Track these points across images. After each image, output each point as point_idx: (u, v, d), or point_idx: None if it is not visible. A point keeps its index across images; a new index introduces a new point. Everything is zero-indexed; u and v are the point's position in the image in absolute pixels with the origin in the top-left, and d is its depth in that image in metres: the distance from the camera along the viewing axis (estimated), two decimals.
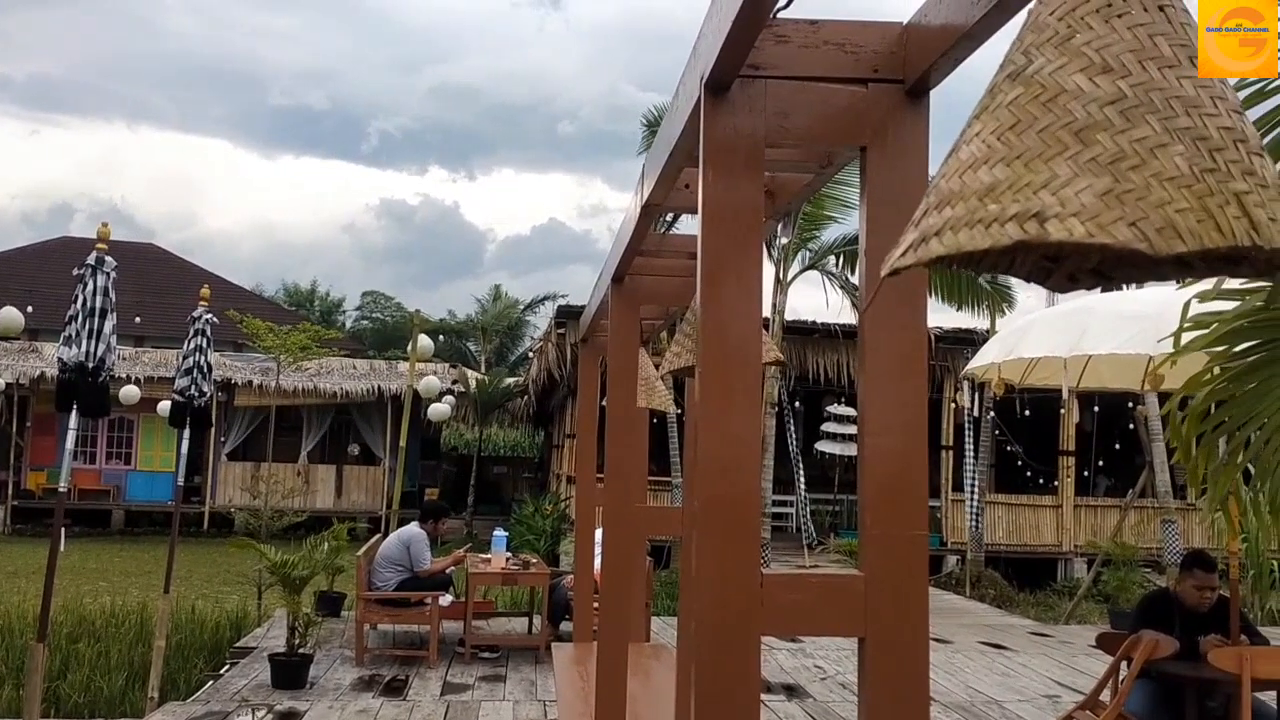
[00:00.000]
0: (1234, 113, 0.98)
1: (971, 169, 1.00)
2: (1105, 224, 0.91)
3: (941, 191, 1.02)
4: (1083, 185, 0.93)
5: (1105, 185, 0.93)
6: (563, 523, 17.30)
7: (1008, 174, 0.97)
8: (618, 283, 4.02)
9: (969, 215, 0.98)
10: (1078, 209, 0.92)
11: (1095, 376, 8.14)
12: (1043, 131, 0.98)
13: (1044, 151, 0.96)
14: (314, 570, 9.06)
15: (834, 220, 16.54)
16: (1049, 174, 0.95)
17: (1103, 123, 0.96)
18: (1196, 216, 0.90)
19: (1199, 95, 0.97)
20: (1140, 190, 0.91)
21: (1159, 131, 0.94)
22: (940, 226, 1.00)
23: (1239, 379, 4.10)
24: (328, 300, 53.22)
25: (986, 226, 0.96)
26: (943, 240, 0.99)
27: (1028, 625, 13.30)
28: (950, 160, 1.05)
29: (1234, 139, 0.95)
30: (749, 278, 1.94)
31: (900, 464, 1.86)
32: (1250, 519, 8.63)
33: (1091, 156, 0.94)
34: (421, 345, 15.16)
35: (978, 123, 1.04)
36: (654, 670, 5.53)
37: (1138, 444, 16.68)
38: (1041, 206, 0.93)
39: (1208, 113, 0.96)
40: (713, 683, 1.80)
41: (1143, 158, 0.93)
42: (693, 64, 2.11)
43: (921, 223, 1.03)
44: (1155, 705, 5.85)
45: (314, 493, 23.91)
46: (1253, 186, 0.93)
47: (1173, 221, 0.90)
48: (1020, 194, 0.95)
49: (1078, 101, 0.98)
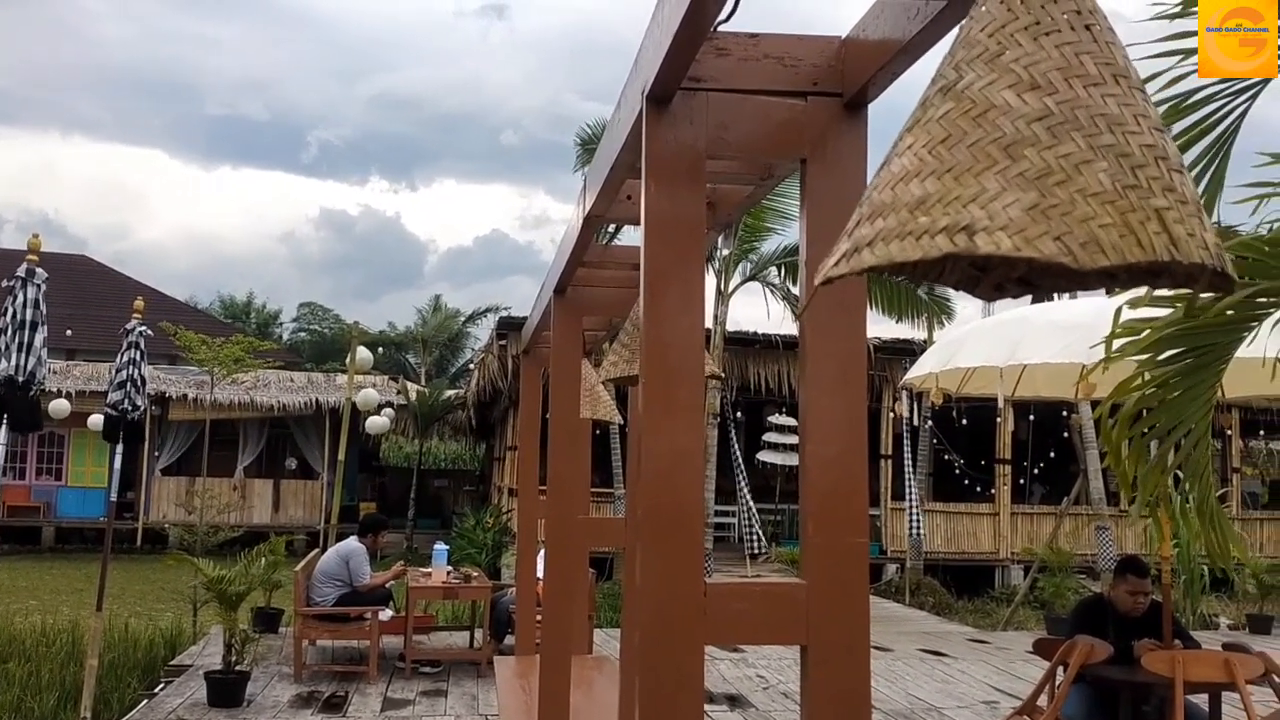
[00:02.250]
0: (1156, 130, 1.01)
1: (903, 181, 1.02)
2: (1031, 238, 0.93)
3: (874, 203, 1.04)
4: (1010, 200, 0.95)
5: (1032, 200, 0.95)
6: (504, 536, 17.21)
7: (938, 187, 0.99)
8: (560, 294, 4.02)
9: (900, 227, 1.00)
10: (1005, 223, 0.94)
11: (1030, 385, 8.27)
12: (972, 146, 1.00)
13: (973, 166, 0.99)
14: (251, 586, 8.92)
15: (774, 231, 16.66)
16: (978, 188, 0.97)
17: (1030, 139, 0.98)
18: (1119, 232, 0.93)
19: (1122, 113, 1.00)
20: (1065, 205, 0.94)
21: (1084, 148, 0.97)
22: (872, 237, 1.02)
23: (1168, 385, 4.19)
24: (264, 312, 52.57)
25: (917, 238, 0.98)
26: (874, 251, 1.01)
27: (966, 632, 13.45)
28: (883, 172, 1.07)
29: (1155, 156, 0.98)
30: (691, 288, 1.95)
31: (841, 472, 1.88)
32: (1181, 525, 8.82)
33: (1019, 172, 0.97)
34: (360, 357, 15.01)
35: (910, 136, 1.06)
36: (597, 682, 5.52)
37: (1072, 452, 16.96)
38: (970, 220, 0.96)
39: (1131, 130, 0.99)
40: (656, 693, 1.80)
41: (1068, 174, 0.96)
42: (634, 76, 2.12)
43: (854, 233, 1.05)
44: (1091, 709, 5.94)
45: (250, 508, 23.57)
46: (1173, 203, 0.96)
47: (1096, 236, 0.93)
48: (950, 207, 0.97)
49: (1006, 117, 1.00)
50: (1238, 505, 19.87)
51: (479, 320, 43.77)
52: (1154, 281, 1.04)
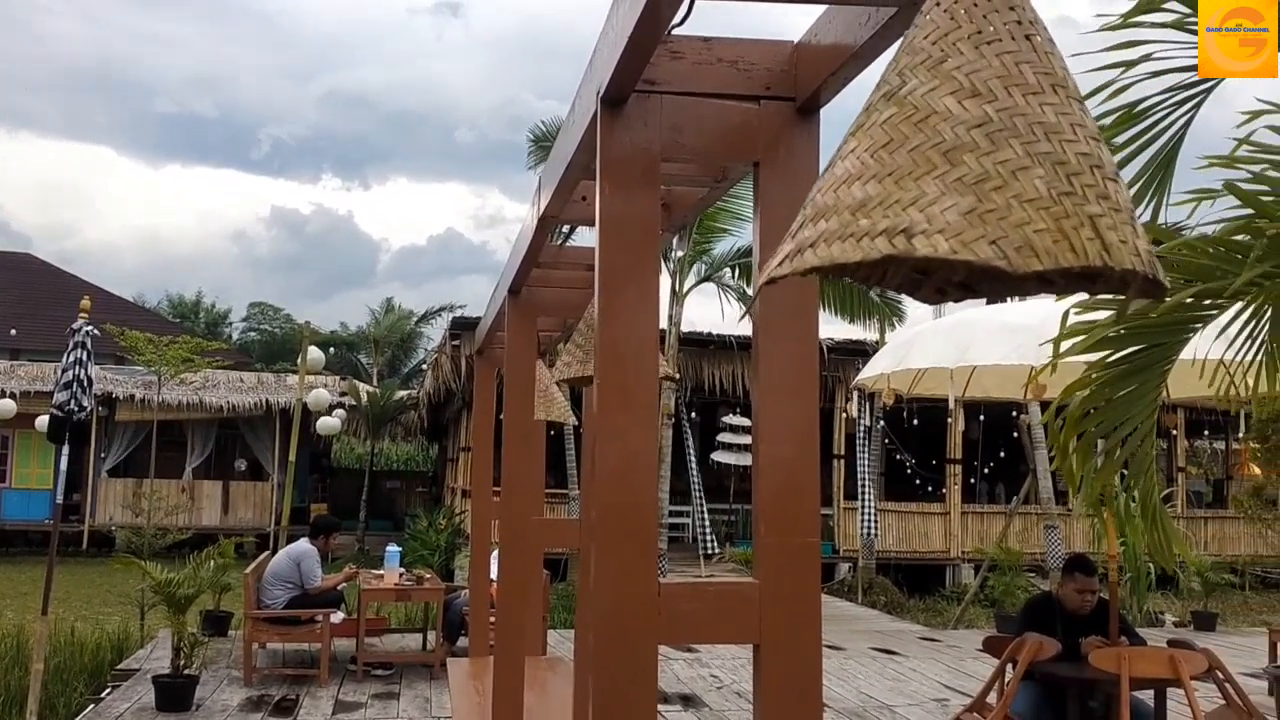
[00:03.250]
0: (1092, 139, 1.03)
1: (845, 184, 1.04)
2: (968, 241, 0.95)
3: (817, 205, 1.06)
4: (949, 204, 0.98)
5: (969, 204, 0.97)
6: (458, 537, 17.13)
7: (879, 190, 1.01)
8: (514, 294, 4.01)
9: (842, 229, 1.02)
10: (943, 226, 0.96)
11: (980, 386, 8.37)
12: (913, 151, 1.02)
13: (913, 170, 1.01)
14: (200, 589, 8.82)
15: (728, 233, 16.73)
16: (918, 192, 0.99)
17: (969, 144, 1.00)
18: (1053, 237, 0.96)
19: (1060, 121, 1.02)
20: (1002, 210, 0.96)
21: (1021, 155, 0.99)
22: (815, 239, 1.03)
23: (1113, 384, 4.26)
24: (213, 312, 51.93)
25: (858, 240, 1.00)
26: (817, 252, 1.03)
27: (917, 630, 13.57)
28: (826, 175, 1.09)
29: (1090, 164, 1.01)
30: (647, 289, 1.96)
31: (793, 473, 1.90)
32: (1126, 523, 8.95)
33: (958, 177, 0.99)
34: (311, 357, 14.88)
35: (853, 140, 1.08)
36: (551, 683, 5.52)
37: (1022, 452, 17.17)
38: (910, 223, 0.98)
39: (1067, 139, 1.01)
40: (611, 693, 1.81)
41: (1005, 179, 0.98)
42: (589, 78, 2.13)
43: (798, 234, 1.06)
44: (1039, 706, 6.02)
45: (199, 509, 23.27)
46: (1106, 210, 0.99)
47: (1030, 241, 0.95)
48: (890, 210, 0.99)
49: (947, 123, 1.02)
50: (1183, 504, 20.20)
51: (432, 320, 43.58)
52: (1089, 287, 1.06)
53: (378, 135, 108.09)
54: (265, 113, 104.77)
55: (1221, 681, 5.80)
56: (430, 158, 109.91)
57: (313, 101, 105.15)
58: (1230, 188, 3.71)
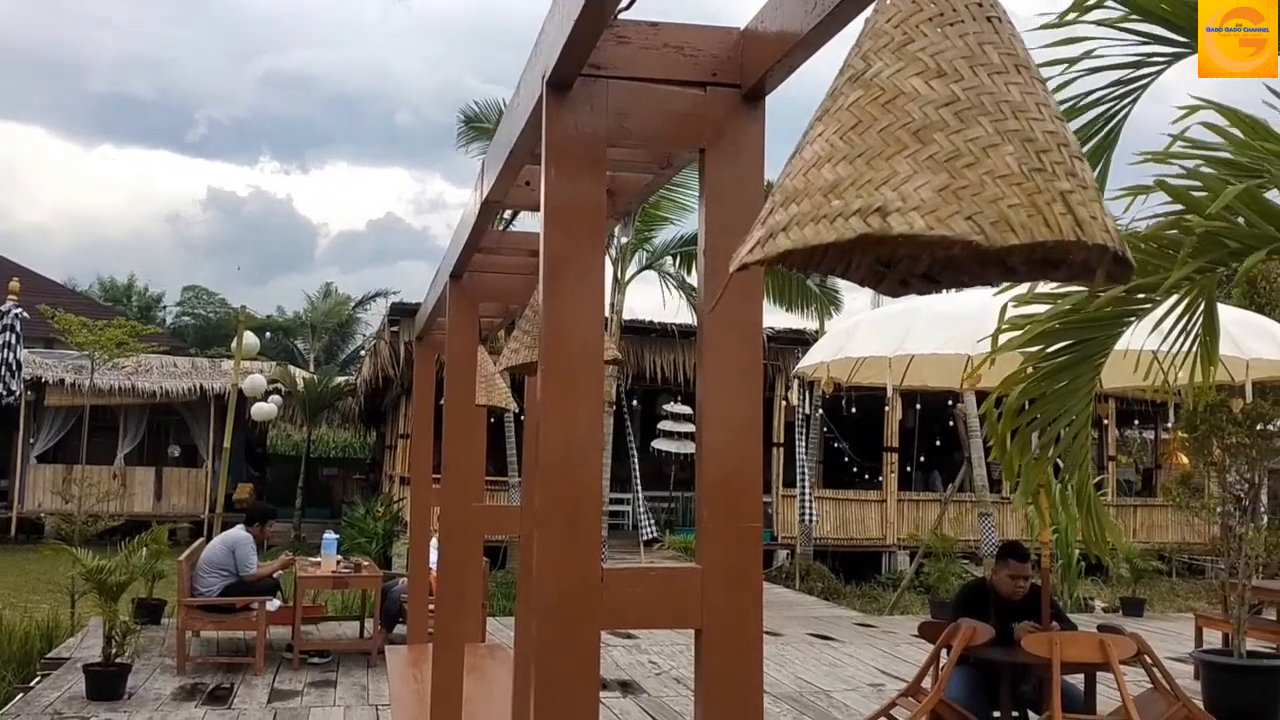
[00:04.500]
0: (1056, 119, 1.05)
1: (815, 167, 1.04)
2: (943, 217, 0.96)
3: (786, 189, 1.06)
4: (921, 181, 0.98)
5: (943, 181, 0.98)
6: (396, 525, 17.01)
7: (850, 171, 1.01)
8: (456, 279, 3.98)
9: (814, 211, 1.02)
10: (918, 204, 0.97)
11: (917, 375, 8.47)
12: (883, 131, 1.02)
13: (884, 150, 1.01)
14: (132, 576, 8.68)
15: (670, 221, 16.76)
16: (890, 171, 1.00)
17: (939, 123, 1.01)
18: (1027, 212, 0.97)
19: (1025, 100, 1.04)
20: (975, 186, 0.97)
21: (990, 132, 1.00)
22: (787, 222, 1.03)
23: (1050, 377, 4.33)
24: (146, 295, 50.96)
25: (831, 221, 1.00)
26: (789, 235, 1.02)
27: (854, 616, 13.72)
28: (794, 160, 1.09)
29: (1057, 142, 1.02)
30: (591, 276, 1.96)
31: (737, 459, 1.90)
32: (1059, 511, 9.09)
33: (929, 155, 0.99)
34: (246, 343, 14.68)
35: (820, 124, 1.08)
36: (490, 670, 5.51)
37: (957, 441, 17.40)
38: (884, 201, 0.98)
39: (1033, 117, 1.03)
40: (552, 678, 1.81)
41: (976, 156, 0.99)
42: (534, 61, 2.11)
43: (768, 220, 1.06)
44: (973, 690, 6.12)
45: (132, 496, 22.83)
46: (1075, 187, 1.00)
47: (1006, 216, 0.96)
48: (863, 190, 0.99)
49: (915, 103, 1.03)
50: (1113, 492, 20.62)
51: (370, 306, 43.12)
52: (1052, 274, 1.08)
53: (318, 118, 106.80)
54: (202, 94, 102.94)
55: (1149, 666, 5.93)
56: (371, 141, 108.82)
57: (251, 83, 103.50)
58: (1161, 184, 3.78)
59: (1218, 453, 7.99)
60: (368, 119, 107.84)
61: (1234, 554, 8.06)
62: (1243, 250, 3.67)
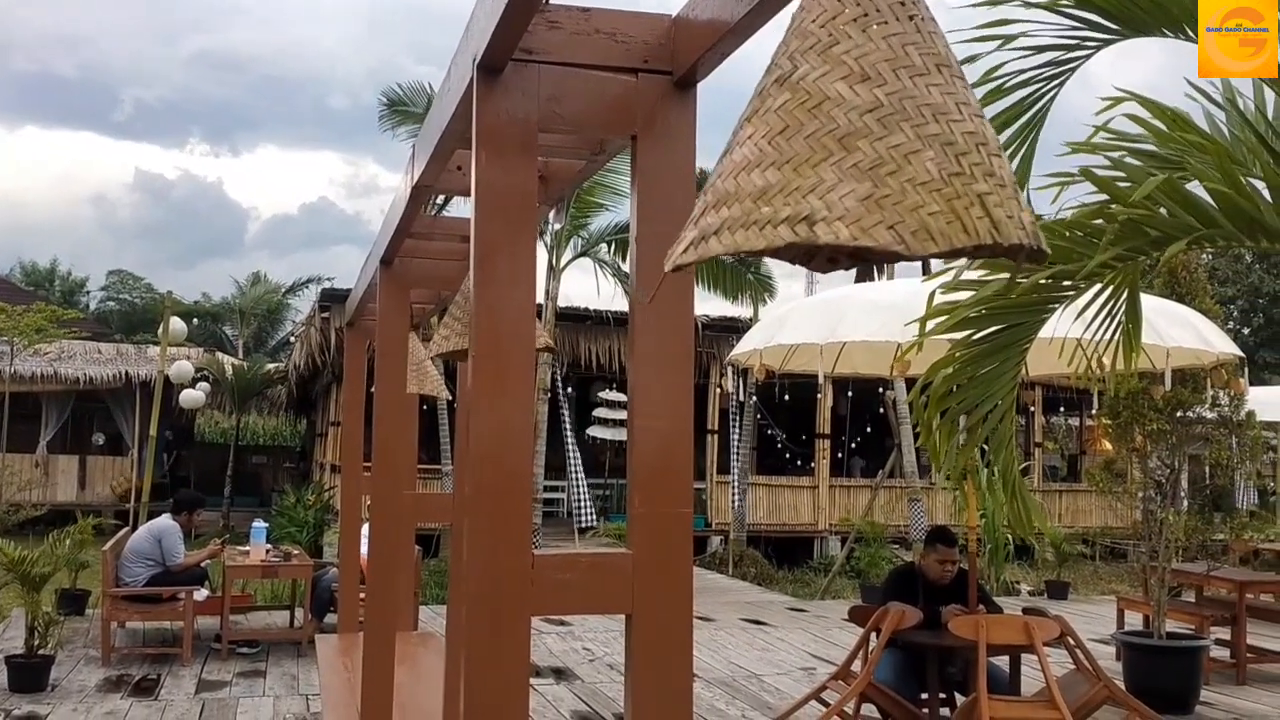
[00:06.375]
0: (976, 117, 1.07)
1: (745, 171, 1.06)
2: (867, 227, 0.98)
3: (718, 191, 1.08)
4: (846, 190, 1.00)
5: (866, 190, 1.00)
6: (327, 513, 16.84)
7: (779, 178, 1.03)
8: (387, 265, 3.94)
9: (744, 217, 1.03)
10: (842, 213, 0.99)
11: (849, 362, 8.55)
12: (809, 137, 1.04)
13: (811, 157, 1.03)
14: (55, 567, 8.52)
15: (605, 208, 16.73)
16: (816, 179, 1.01)
17: (863, 130, 1.03)
18: (946, 219, 0.99)
19: (946, 101, 1.05)
20: (897, 195, 0.99)
21: (912, 138, 1.02)
22: (718, 226, 1.05)
23: (976, 363, 4.40)
24: (70, 280, 49.82)
25: (760, 228, 1.02)
26: (721, 239, 1.05)
27: (786, 601, 13.85)
28: (725, 161, 1.10)
29: (976, 142, 1.04)
30: (522, 261, 1.95)
31: (667, 445, 1.91)
32: (987, 497, 9.25)
33: (854, 163, 1.01)
34: (173, 328, 14.42)
35: (749, 125, 1.10)
36: (422, 658, 5.48)
37: (887, 427, 17.62)
38: (810, 210, 1.00)
39: (953, 119, 1.05)
40: (482, 665, 1.80)
41: (898, 164, 1.01)
42: (465, 44, 2.10)
43: (700, 221, 1.08)
44: (902, 672, 6.22)
45: (54, 485, 22.37)
46: (993, 187, 1.02)
47: (926, 224, 0.99)
48: (790, 198, 1.01)
49: (840, 109, 1.04)
50: (1039, 478, 21.01)
51: (300, 292, 42.57)
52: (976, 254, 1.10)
53: (249, 100, 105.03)
54: (129, 73, 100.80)
55: (1072, 648, 6.06)
56: (303, 124, 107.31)
57: (180, 63, 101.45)
58: (1086, 173, 3.86)
59: (1140, 439, 8.18)
60: (300, 101, 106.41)
61: (1155, 538, 8.25)
62: (1163, 239, 3.76)
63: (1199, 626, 8.96)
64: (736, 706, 7.79)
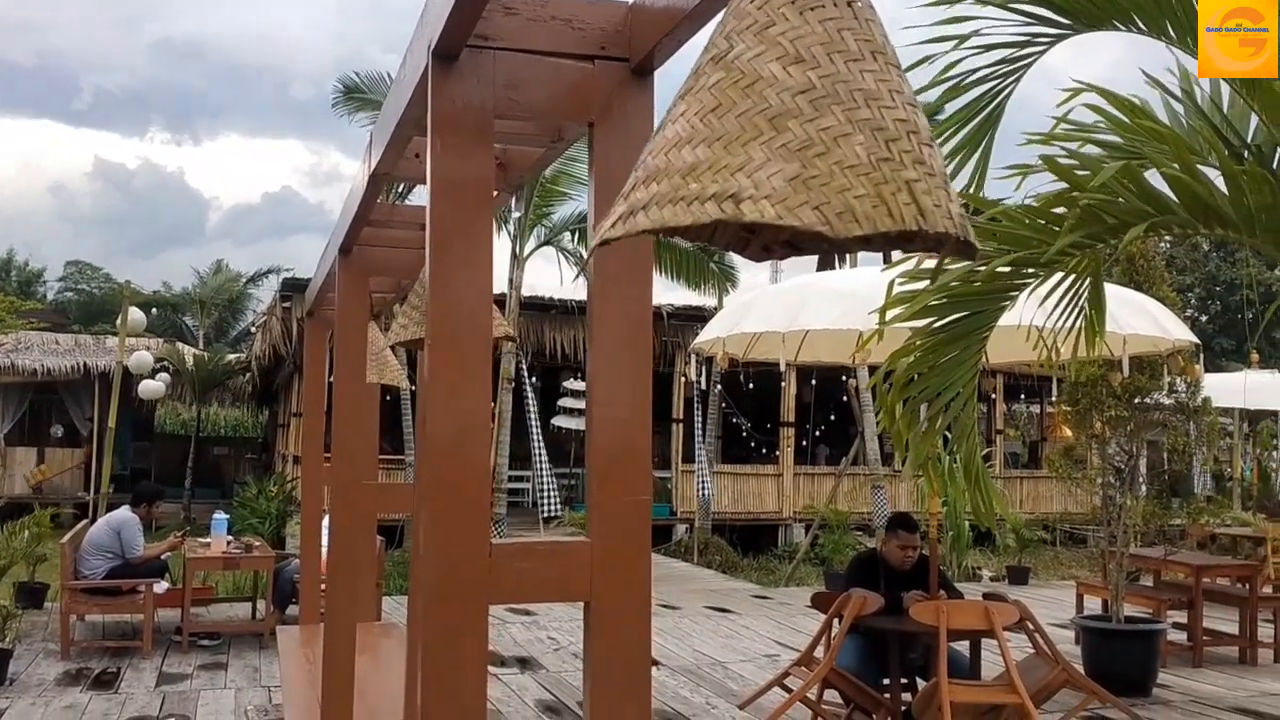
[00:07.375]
0: (909, 105, 1.07)
1: (676, 147, 1.06)
2: (792, 207, 0.99)
3: (649, 167, 1.07)
4: (774, 170, 1.00)
5: (794, 170, 1.00)
6: (289, 505, 16.73)
7: (708, 155, 1.03)
8: (346, 254, 3.91)
9: (673, 192, 1.03)
10: (769, 192, 0.99)
11: (811, 350, 8.58)
12: (741, 116, 1.04)
13: (741, 135, 1.03)
14: (12, 560, 8.42)
15: (568, 197, 16.69)
16: (745, 157, 1.02)
17: (794, 111, 1.03)
18: (872, 202, 1.00)
19: (878, 88, 1.06)
20: (824, 176, 1.00)
21: (842, 121, 1.03)
22: (647, 201, 1.05)
23: (937, 350, 4.42)
24: (27, 270, 49.07)
25: (688, 204, 1.02)
26: (649, 215, 1.05)
27: (750, 589, 13.90)
28: (658, 137, 1.10)
29: (907, 130, 1.05)
30: (479, 249, 1.94)
31: (626, 432, 1.91)
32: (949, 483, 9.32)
33: (783, 143, 1.02)
34: (132, 319, 14.26)
35: (683, 103, 1.09)
36: (384, 649, 5.46)
37: (851, 415, 17.71)
38: (738, 188, 1.00)
39: (885, 105, 1.05)
40: (441, 654, 1.80)
41: (827, 146, 1.01)
42: (420, 31, 2.08)
43: (630, 196, 1.08)
44: (864, 658, 6.26)
45: (11, 477, 22.10)
46: (921, 175, 1.03)
47: (851, 206, 0.99)
48: (719, 175, 1.01)
49: (772, 89, 1.05)
50: (1000, 465, 21.20)
51: (261, 282, 42.23)
52: (905, 246, 1.11)
53: (210, 88, 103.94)
54: (88, 61, 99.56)
55: (1031, 632, 6.12)
56: (266, 113, 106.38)
57: (140, 50, 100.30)
58: (1046, 161, 3.88)
59: (1098, 425, 8.27)
60: (263, 90, 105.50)
61: (1114, 523, 8.35)
62: (1121, 226, 3.80)
63: (1156, 610, 9.08)
64: (701, 694, 7.82)
